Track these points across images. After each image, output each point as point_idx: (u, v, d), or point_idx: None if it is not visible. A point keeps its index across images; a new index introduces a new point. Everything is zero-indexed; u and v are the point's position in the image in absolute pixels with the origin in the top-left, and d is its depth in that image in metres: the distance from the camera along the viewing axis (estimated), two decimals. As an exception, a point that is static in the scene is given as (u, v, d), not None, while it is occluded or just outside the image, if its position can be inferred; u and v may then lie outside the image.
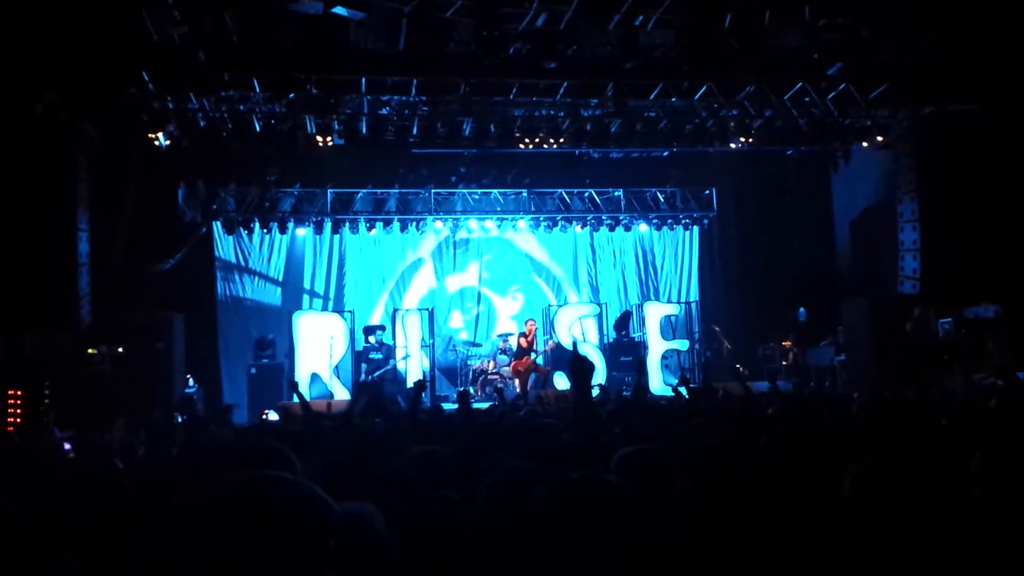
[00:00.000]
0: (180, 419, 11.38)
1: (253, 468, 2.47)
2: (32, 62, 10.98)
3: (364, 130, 13.94)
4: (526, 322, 16.08)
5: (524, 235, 17.73)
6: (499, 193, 17.05)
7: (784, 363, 15.95)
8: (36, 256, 11.60)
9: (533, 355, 15.47)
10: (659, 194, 17.53)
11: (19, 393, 10.51)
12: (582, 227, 17.48)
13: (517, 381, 15.19)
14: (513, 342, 15.93)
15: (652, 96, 13.76)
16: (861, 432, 4.88)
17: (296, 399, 8.77)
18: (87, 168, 12.80)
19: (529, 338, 15.59)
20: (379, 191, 16.63)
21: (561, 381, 15.69)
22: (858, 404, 7.06)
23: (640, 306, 17.20)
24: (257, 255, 16.72)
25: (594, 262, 18.30)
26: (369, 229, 16.49)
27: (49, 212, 11.99)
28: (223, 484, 1.41)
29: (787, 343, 16.00)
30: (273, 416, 12.38)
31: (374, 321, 16.52)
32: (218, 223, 16.07)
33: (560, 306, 17.01)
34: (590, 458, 3.42)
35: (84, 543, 2.81)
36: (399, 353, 15.20)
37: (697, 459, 2.80)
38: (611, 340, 16.54)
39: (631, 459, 2.89)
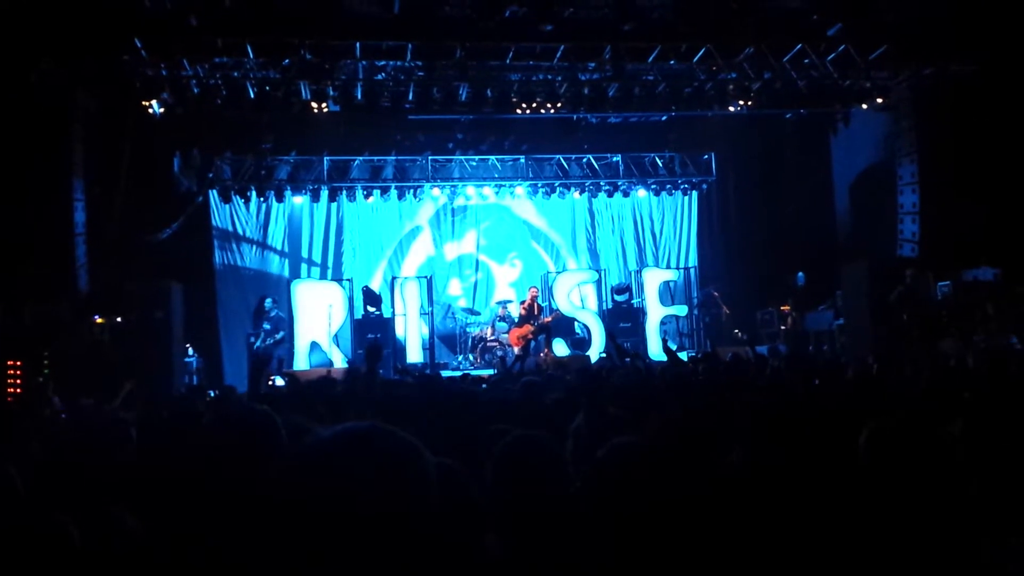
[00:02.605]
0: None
1: (238, 437, 2.47)
2: (25, 30, 10.86)
3: (360, 96, 13.81)
4: (529, 289, 16.10)
5: (522, 202, 17.64)
6: (496, 159, 16.95)
7: (783, 327, 15.97)
8: (32, 226, 11.56)
9: (533, 322, 15.51)
10: (658, 159, 17.44)
11: (18, 363, 10.52)
12: (580, 193, 17.40)
13: (517, 349, 15.21)
14: (512, 309, 15.94)
15: (650, 59, 13.66)
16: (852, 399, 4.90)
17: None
18: (82, 137, 12.72)
19: (530, 304, 15.62)
20: (376, 158, 16.54)
21: (561, 348, 15.75)
22: (853, 372, 7.06)
23: (639, 272, 17.19)
24: (254, 224, 16.65)
25: (593, 228, 18.24)
26: (366, 197, 16.42)
27: (45, 181, 11.93)
28: (326, 436, 1.47)
29: (785, 307, 16.00)
30: (280, 382, 12.41)
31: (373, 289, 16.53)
32: (214, 192, 16.00)
33: (559, 273, 17.00)
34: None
35: (84, 509, 2.81)
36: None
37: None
38: (610, 306, 16.56)
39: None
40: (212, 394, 9.01)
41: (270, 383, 11.31)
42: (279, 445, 1.87)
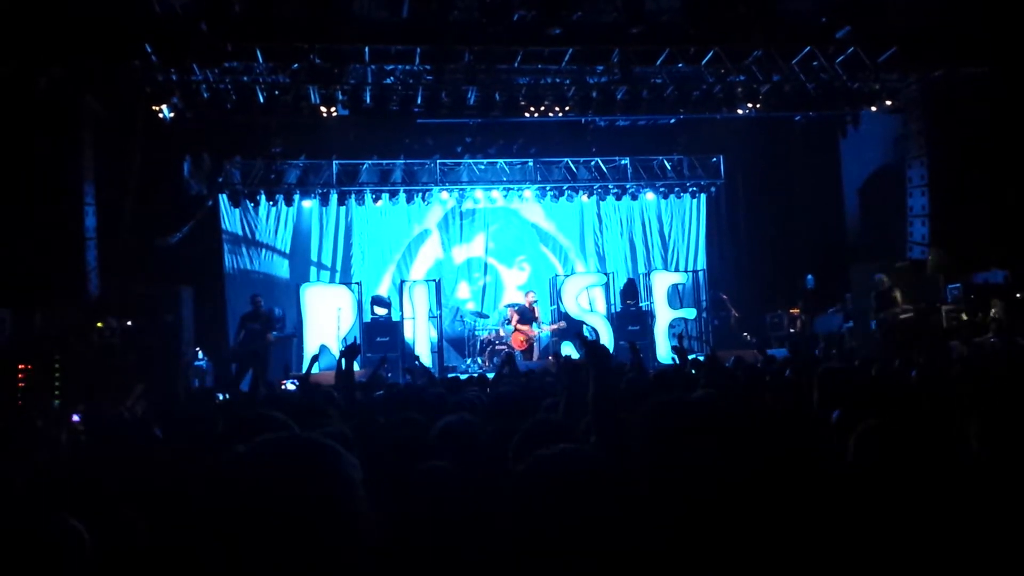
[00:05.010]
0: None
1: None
2: (35, 35, 10.92)
3: (368, 100, 13.85)
4: (526, 293, 16.16)
5: (530, 205, 17.67)
6: (505, 163, 16.97)
7: (792, 330, 15.94)
8: (43, 230, 11.60)
9: (536, 326, 15.58)
10: (666, 162, 17.43)
11: (29, 367, 10.57)
12: (588, 196, 17.39)
13: (520, 350, 15.27)
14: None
15: (658, 62, 13.64)
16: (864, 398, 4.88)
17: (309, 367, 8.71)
18: (92, 142, 12.77)
19: (529, 308, 15.66)
20: (384, 162, 16.59)
21: (569, 351, 15.73)
22: (876, 370, 7.04)
23: (647, 275, 17.17)
24: (264, 227, 16.72)
25: (601, 231, 18.26)
26: (375, 200, 16.45)
27: (55, 186, 11.97)
28: (253, 446, 1.52)
29: (795, 310, 15.97)
30: (290, 386, 12.44)
31: (381, 292, 16.56)
32: (224, 196, 16.06)
33: (567, 276, 17.00)
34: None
35: (94, 512, 2.83)
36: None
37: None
38: (618, 309, 16.54)
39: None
40: (220, 397, 9.05)
41: (282, 387, 11.34)
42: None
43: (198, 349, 13.84)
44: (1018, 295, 12.37)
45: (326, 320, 14.98)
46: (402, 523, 2.60)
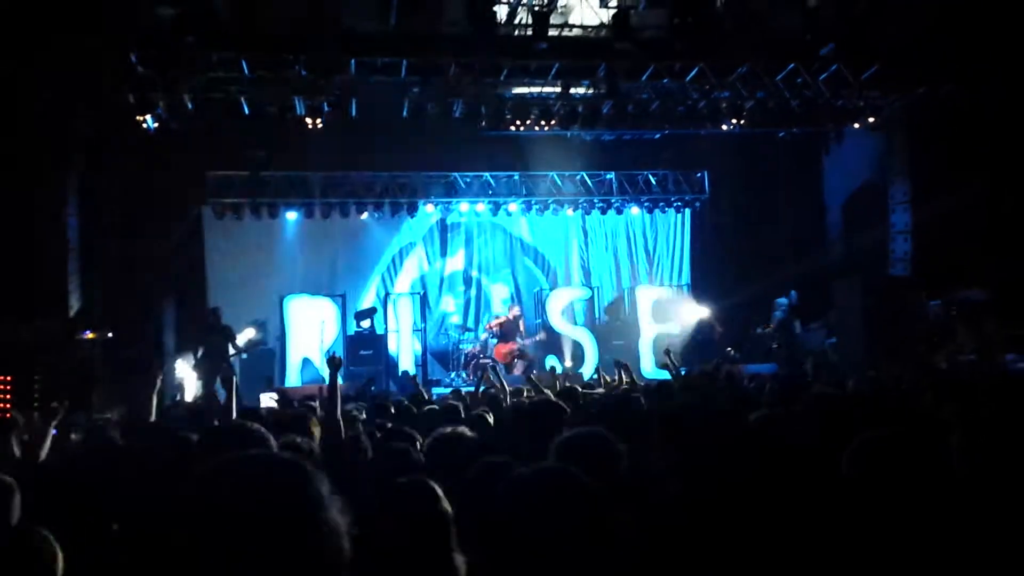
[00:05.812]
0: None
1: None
2: (19, 39, 10.86)
3: (354, 112, 13.83)
4: (510, 307, 16.15)
5: (515, 219, 17.67)
6: (490, 176, 16.97)
7: (775, 346, 15.96)
8: (25, 241, 11.51)
9: (519, 339, 15.55)
10: (651, 177, 17.48)
11: (8, 379, 10.44)
12: (574, 210, 17.42)
13: (504, 366, 15.23)
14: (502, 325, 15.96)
15: (644, 78, 13.69)
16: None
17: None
18: (76, 152, 12.68)
19: (513, 322, 15.64)
20: (369, 174, 16.54)
21: (554, 363, 15.71)
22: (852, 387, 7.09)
23: (632, 289, 17.19)
24: (247, 239, 16.60)
25: (586, 245, 18.28)
26: (359, 213, 16.41)
27: (38, 197, 11.88)
28: (215, 464, 1.50)
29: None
30: (271, 401, 12.32)
31: (365, 306, 16.50)
32: (208, 208, 15.95)
33: (552, 290, 17.00)
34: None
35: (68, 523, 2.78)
36: None
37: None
38: (603, 323, 16.55)
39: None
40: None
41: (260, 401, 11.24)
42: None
43: (179, 361, 13.71)
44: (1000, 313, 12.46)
45: (310, 332, 14.90)
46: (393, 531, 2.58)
